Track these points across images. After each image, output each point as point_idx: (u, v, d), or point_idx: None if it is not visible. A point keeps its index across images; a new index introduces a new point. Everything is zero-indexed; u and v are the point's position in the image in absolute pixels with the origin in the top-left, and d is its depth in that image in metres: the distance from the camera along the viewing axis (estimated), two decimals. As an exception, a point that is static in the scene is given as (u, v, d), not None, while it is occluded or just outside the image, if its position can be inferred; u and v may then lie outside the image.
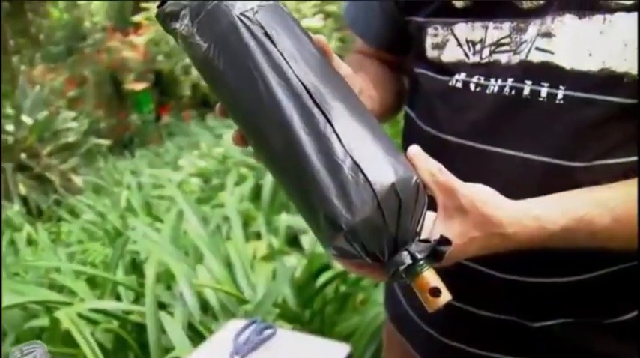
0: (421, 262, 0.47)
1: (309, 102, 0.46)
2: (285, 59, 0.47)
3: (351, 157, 0.45)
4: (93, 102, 8.97)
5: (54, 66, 9.62)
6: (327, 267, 1.81)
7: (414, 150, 0.52)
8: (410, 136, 0.72)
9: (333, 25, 10.09)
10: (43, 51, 9.87)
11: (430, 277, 0.47)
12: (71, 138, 5.60)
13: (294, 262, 1.97)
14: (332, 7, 9.98)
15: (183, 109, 9.85)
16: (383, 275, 0.50)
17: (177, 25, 0.50)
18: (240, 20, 0.47)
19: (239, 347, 1.02)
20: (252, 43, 0.47)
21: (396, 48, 0.76)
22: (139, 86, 9.82)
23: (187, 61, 9.45)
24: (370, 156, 0.46)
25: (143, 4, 10.49)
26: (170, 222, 2.30)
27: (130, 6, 11.38)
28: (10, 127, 5.32)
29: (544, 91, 0.58)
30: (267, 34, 0.47)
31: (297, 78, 0.46)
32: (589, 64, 0.56)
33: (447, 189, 0.52)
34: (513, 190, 0.58)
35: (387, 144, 0.48)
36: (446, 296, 0.47)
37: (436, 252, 0.48)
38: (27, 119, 5.38)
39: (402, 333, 0.83)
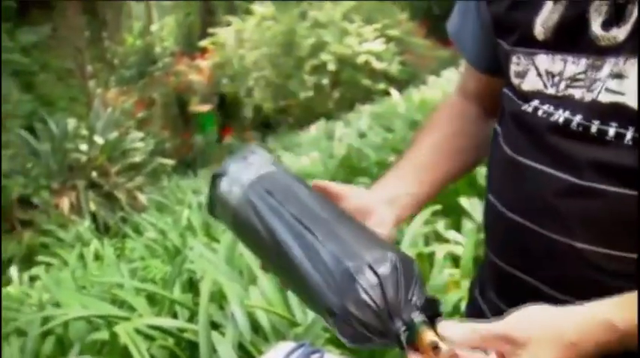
0: (416, 325, 0.54)
1: (300, 228, 0.61)
2: (281, 203, 0.64)
3: (332, 254, 0.57)
4: (160, 123, 9.35)
5: (126, 89, 10.12)
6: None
7: (442, 325, 0.54)
8: (493, 154, 0.74)
9: (394, 49, 10.12)
10: (116, 74, 10.42)
11: (427, 336, 0.53)
12: (138, 157, 5.86)
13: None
14: (394, 32, 10.02)
15: (244, 130, 10.11)
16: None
17: (221, 206, 0.70)
18: (250, 186, 0.67)
19: (286, 371, 1.03)
20: (258, 202, 0.65)
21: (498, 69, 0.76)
22: (204, 108, 10.16)
23: (250, 83, 9.64)
24: (348, 250, 0.58)
25: (210, 30, 10.91)
26: (226, 242, 2.36)
27: (197, 31, 11.87)
28: (83, 147, 5.63)
29: (612, 131, 0.58)
30: (268, 191, 0.65)
31: (290, 213, 0.63)
32: None
33: (496, 337, 0.53)
34: (587, 221, 0.59)
35: (366, 239, 0.60)
36: (444, 348, 0.52)
37: (431, 312, 0.55)
38: (99, 139, 5.68)
39: None
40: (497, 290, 0.73)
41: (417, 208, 0.77)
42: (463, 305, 1.31)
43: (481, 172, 2.24)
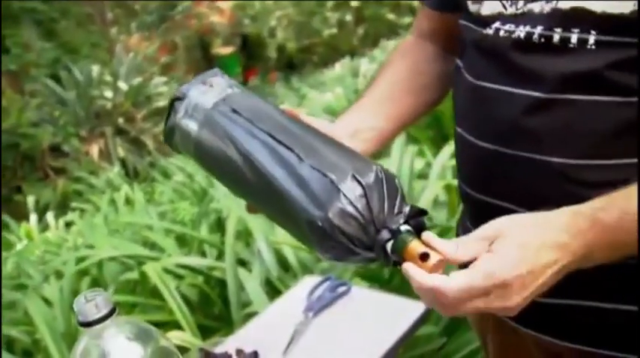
0: (402, 235, 0.52)
1: (275, 144, 0.58)
2: (251, 122, 0.60)
3: (313, 168, 0.54)
4: (184, 67, 9.29)
5: (148, 34, 10.02)
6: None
7: (427, 235, 0.53)
8: (456, 87, 0.73)
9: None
10: (138, 20, 10.30)
11: (416, 246, 0.51)
12: (162, 102, 5.86)
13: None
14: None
15: (269, 71, 9.99)
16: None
17: (181, 133, 0.65)
18: (214, 107, 0.63)
19: (312, 304, 1.02)
20: (225, 121, 0.61)
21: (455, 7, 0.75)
22: (227, 50, 10.04)
23: (273, 23, 9.45)
24: (329, 162, 0.55)
25: (228, -32, 10.61)
26: (252, 182, 2.34)
27: (216, -30, 11.54)
28: (108, 94, 5.65)
29: (574, 37, 0.57)
30: (234, 110, 0.61)
31: (262, 131, 0.59)
32: (621, 7, 0.55)
33: (472, 243, 0.52)
34: (556, 133, 0.59)
35: (346, 153, 0.57)
36: (434, 257, 0.50)
37: (416, 223, 0.53)
38: (123, 85, 5.69)
39: None
40: (474, 221, 0.72)
41: (381, 143, 0.75)
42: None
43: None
